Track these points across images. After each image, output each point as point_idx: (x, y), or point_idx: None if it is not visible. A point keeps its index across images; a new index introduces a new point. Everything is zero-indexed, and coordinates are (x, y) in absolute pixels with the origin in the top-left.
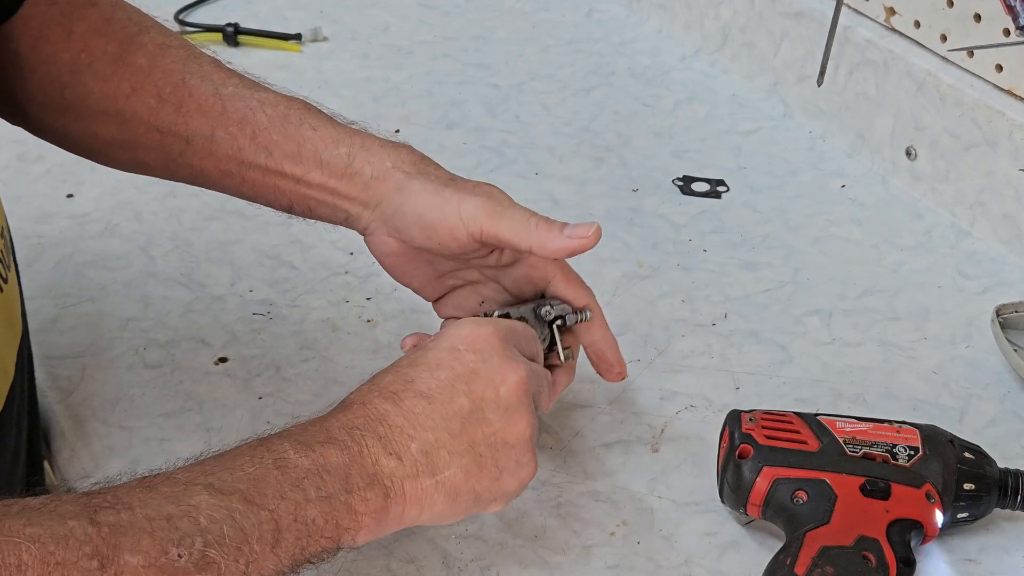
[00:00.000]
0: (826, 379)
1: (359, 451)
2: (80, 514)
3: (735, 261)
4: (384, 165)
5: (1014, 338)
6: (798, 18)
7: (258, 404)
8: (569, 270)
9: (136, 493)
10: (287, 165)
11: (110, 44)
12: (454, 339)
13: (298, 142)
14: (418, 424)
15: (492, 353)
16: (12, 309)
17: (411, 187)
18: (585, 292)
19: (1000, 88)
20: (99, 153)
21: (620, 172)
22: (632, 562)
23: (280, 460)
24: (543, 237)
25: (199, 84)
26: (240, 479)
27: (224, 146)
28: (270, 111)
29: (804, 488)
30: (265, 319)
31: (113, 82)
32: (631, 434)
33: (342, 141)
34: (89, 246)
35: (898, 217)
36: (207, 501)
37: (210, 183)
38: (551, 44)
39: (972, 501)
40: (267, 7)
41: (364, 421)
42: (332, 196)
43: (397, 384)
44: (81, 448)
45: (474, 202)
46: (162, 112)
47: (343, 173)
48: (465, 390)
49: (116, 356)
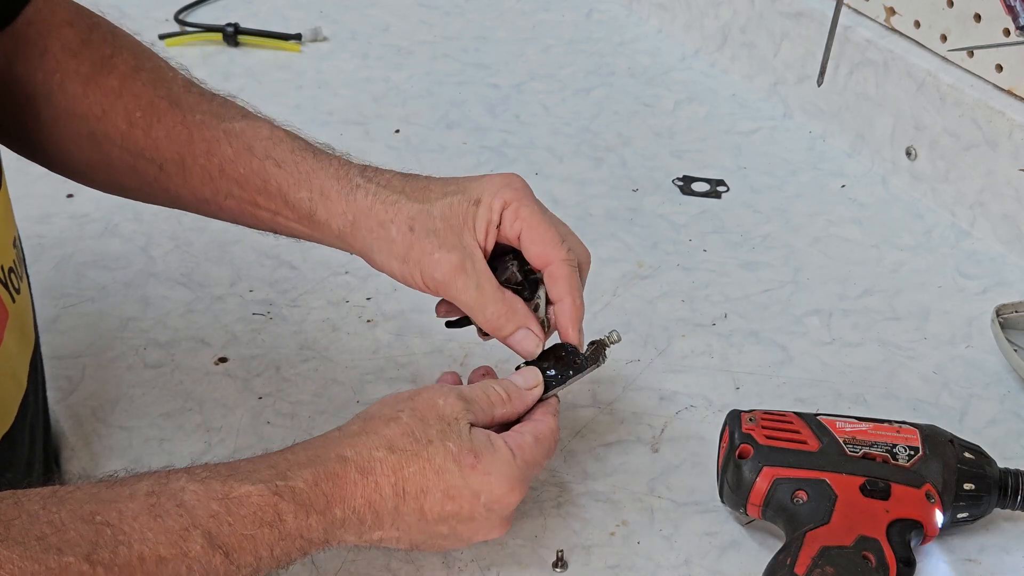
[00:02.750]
0: (826, 379)
1: (339, 529)
2: (79, 549)
3: (735, 261)
4: (346, 219)
5: (1014, 338)
6: (798, 18)
7: (258, 404)
8: (536, 228)
9: (141, 519)
10: (260, 199)
11: (83, 65)
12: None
13: (263, 178)
14: (397, 527)
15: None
16: (24, 319)
17: (375, 252)
18: (551, 248)
19: (1000, 88)
20: (81, 175)
21: (620, 172)
22: (632, 562)
23: (276, 520)
24: (492, 329)
25: (168, 109)
26: (235, 535)
27: (196, 175)
28: (235, 143)
29: (804, 488)
30: (265, 319)
31: (85, 103)
32: (631, 434)
33: (303, 184)
34: (89, 246)
35: (898, 217)
36: (196, 552)
37: (190, 208)
38: (551, 44)
39: (972, 501)
40: (267, 7)
41: (365, 506)
42: (310, 231)
43: (413, 485)
44: (81, 448)
45: (434, 272)
46: (132, 136)
47: (310, 220)
48: (453, 525)
49: (116, 356)
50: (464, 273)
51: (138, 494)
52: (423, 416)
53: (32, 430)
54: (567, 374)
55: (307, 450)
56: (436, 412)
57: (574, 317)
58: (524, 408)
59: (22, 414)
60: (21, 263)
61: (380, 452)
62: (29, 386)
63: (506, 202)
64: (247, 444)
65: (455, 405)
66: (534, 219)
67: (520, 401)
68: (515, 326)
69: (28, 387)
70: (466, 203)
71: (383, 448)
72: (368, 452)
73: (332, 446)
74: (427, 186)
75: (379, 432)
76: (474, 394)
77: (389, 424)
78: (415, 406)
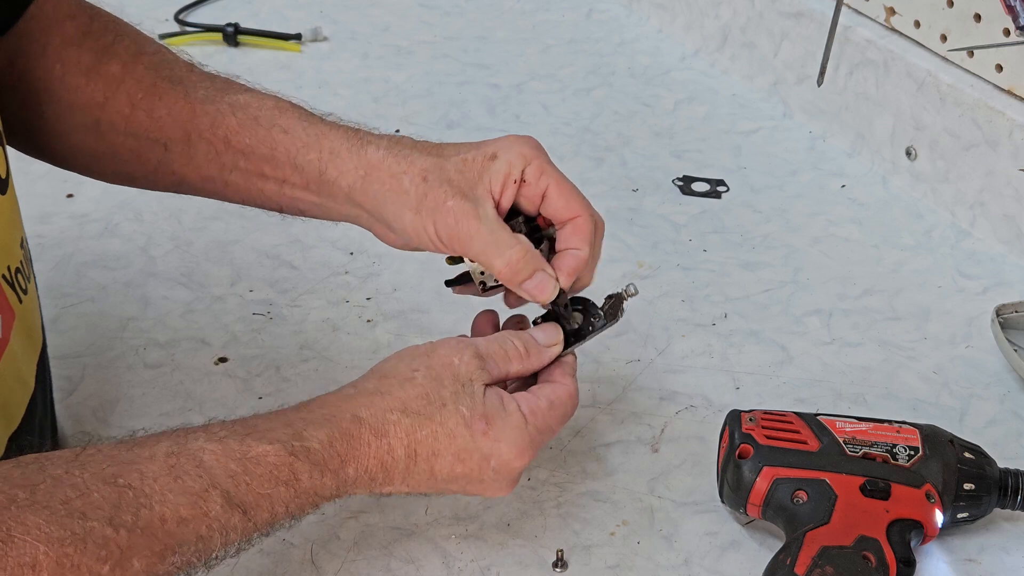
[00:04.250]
0: (826, 379)
1: (351, 486)
2: (102, 512)
3: (735, 261)
4: (358, 174)
5: (1014, 338)
6: (798, 18)
7: (258, 404)
8: (562, 185)
9: (161, 480)
10: (266, 168)
11: (84, 55)
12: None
13: (271, 146)
14: (408, 484)
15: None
16: (32, 320)
17: (387, 204)
18: (576, 203)
19: (1000, 88)
20: (86, 167)
21: (620, 172)
22: (632, 562)
23: (292, 479)
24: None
25: (169, 88)
26: (251, 493)
27: (201, 152)
28: (240, 115)
29: (804, 488)
30: (265, 319)
31: (87, 93)
32: (631, 434)
33: (312, 146)
34: (89, 246)
35: (898, 217)
36: (217, 511)
37: (194, 189)
38: (551, 44)
39: (972, 501)
40: (267, 7)
41: (377, 466)
42: (319, 198)
43: (424, 448)
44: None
45: (447, 219)
46: (135, 119)
47: (320, 181)
48: (462, 485)
49: (116, 356)
50: (478, 219)
51: (158, 455)
52: (438, 376)
53: (41, 431)
54: (586, 330)
55: (322, 408)
56: (451, 371)
57: (592, 267)
58: (540, 365)
59: (29, 415)
60: (28, 264)
61: (394, 415)
62: (37, 387)
63: (528, 159)
64: None
65: (470, 364)
66: (559, 176)
67: (537, 358)
68: (532, 268)
69: (36, 388)
70: (481, 158)
71: (397, 410)
72: (383, 414)
73: (347, 405)
74: (440, 145)
75: (394, 393)
76: (490, 349)
77: (404, 385)
78: (431, 363)
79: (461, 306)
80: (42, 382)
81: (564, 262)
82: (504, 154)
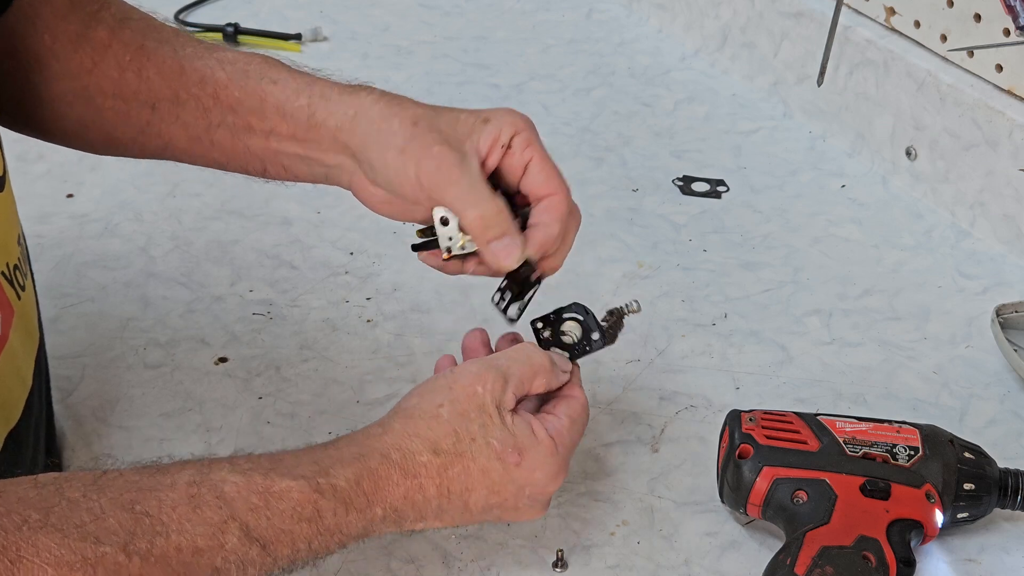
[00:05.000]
0: (826, 379)
1: (379, 524)
2: (116, 538)
3: (735, 261)
4: (347, 114)
5: (1014, 338)
6: (798, 18)
7: (258, 404)
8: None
9: (180, 509)
10: (253, 120)
11: (72, 24)
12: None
13: (260, 97)
14: (441, 519)
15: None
16: (29, 318)
17: (373, 144)
18: (556, 182)
19: (1000, 88)
20: (75, 135)
21: (620, 172)
22: (632, 562)
23: (315, 516)
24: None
25: (156, 48)
26: (273, 528)
27: (189, 109)
28: (229, 68)
29: (804, 488)
30: (265, 319)
31: (75, 59)
32: (631, 434)
33: (302, 92)
34: (89, 246)
35: (898, 217)
36: (234, 544)
37: (180, 152)
38: (551, 44)
39: (972, 501)
40: (267, 7)
41: (408, 507)
42: (304, 149)
43: (457, 485)
44: (81, 448)
45: (430, 165)
46: (124, 81)
47: (307, 125)
48: (497, 514)
49: (116, 356)
50: (460, 169)
51: (179, 483)
52: (464, 410)
53: (37, 428)
54: (584, 349)
55: (351, 446)
56: (476, 402)
57: (563, 252)
58: (559, 384)
59: (27, 412)
60: (26, 261)
61: (424, 456)
62: (34, 384)
63: (518, 129)
64: (247, 444)
65: (495, 390)
66: (544, 152)
67: (556, 377)
68: (502, 230)
69: (33, 385)
70: (473, 119)
71: (427, 451)
72: (412, 456)
73: (376, 444)
74: (438, 106)
75: (422, 434)
76: (514, 367)
77: (431, 424)
78: (454, 397)
79: (461, 306)
80: (39, 379)
81: (533, 234)
82: (496, 120)
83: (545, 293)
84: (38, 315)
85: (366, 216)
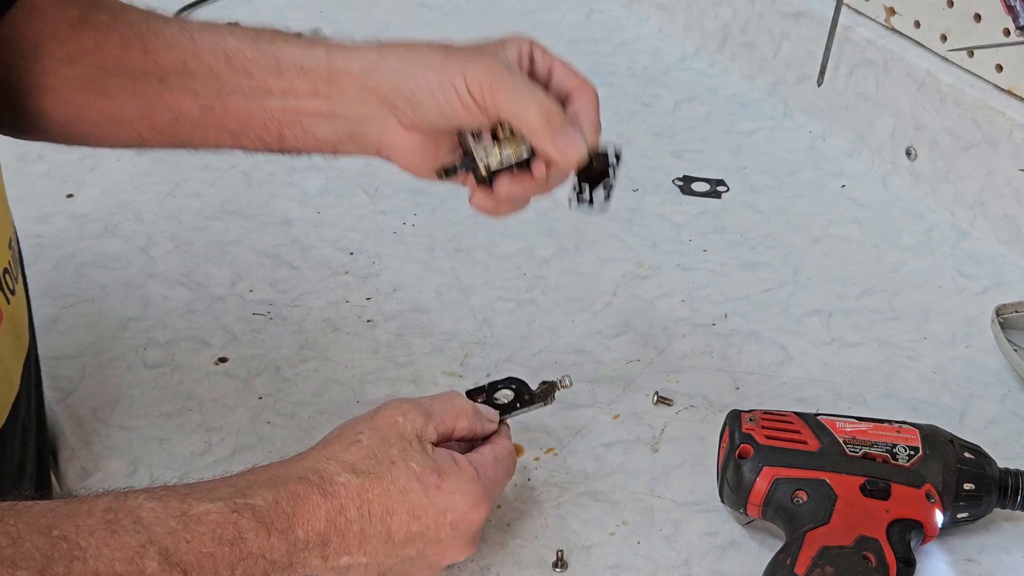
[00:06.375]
0: (826, 379)
1: (303, 551)
2: (33, 562)
3: (735, 261)
4: (369, 58)
5: (1014, 338)
6: (798, 18)
7: (258, 404)
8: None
9: (97, 534)
10: (271, 80)
11: (70, 11)
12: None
13: (274, 56)
14: (365, 551)
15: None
16: (18, 321)
17: (406, 74)
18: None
19: (1000, 88)
20: (79, 128)
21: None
22: (632, 562)
23: (237, 538)
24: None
25: (163, 26)
26: (192, 552)
27: (200, 78)
28: (239, 35)
29: (804, 488)
30: (265, 319)
31: (77, 43)
32: (631, 434)
33: (317, 45)
34: (89, 246)
35: (898, 217)
36: (153, 570)
37: (191, 124)
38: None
39: (972, 501)
40: (267, 7)
41: (330, 528)
42: (326, 104)
43: (378, 507)
44: (81, 448)
45: (479, 71)
46: (129, 57)
47: (328, 76)
48: (420, 547)
49: (116, 356)
50: (509, 71)
51: (96, 510)
52: (384, 436)
53: (24, 432)
54: (515, 406)
55: (268, 472)
56: (396, 430)
57: (594, 122)
58: (483, 432)
59: (14, 415)
60: (17, 264)
61: (343, 476)
62: (22, 388)
63: (532, 43)
64: (247, 444)
65: (416, 421)
66: (559, 56)
67: (482, 422)
68: (563, 122)
69: (21, 389)
70: (492, 43)
71: (346, 471)
72: (330, 476)
73: (293, 469)
74: None
75: (340, 457)
76: (436, 405)
77: (350, 448)
78: (375, 425)
79: (461, 306)
80: (28, 383)
81: (584, 120)
82: (513, 40)
83: (538, 306)
84: (30, 320)
85: (366, 216)
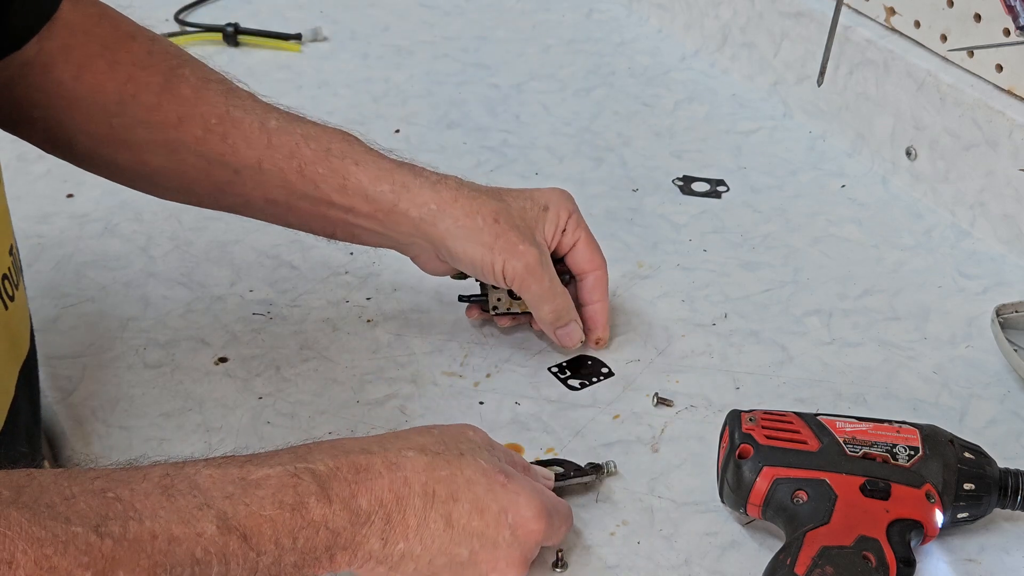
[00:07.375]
0: (826, 379)
1: (364, 525)
2: (88, 520)
3: (735, 261)
4: (429, 208)
5: (1014, 338)
6: (798, 18)
7: (258, 404)
8: (589, 239)
9: (153, 497)
10: (336, 196)
11: (153, 76)
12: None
13: (343, 176)
14: (422, 537)
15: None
16: (16, 327)
17: (458, 238)
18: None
19: (1000, 88)
20: (148, 182)
21: (620, 172)
22: (632, 562)
23: (297, 503)
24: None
25: (243, 116)
26: (252, 516)
27: (273, 178)
28: (314, 145)
29: (804, 488)
30: (265, 319)
31: (160, 112)
32: (631, 434)
33: (384, 178)
34: (89, 246)
35: (898, 217)
36: (211, 533)
37: (254, 211)
38: (551, 44)
39: (972, 501)
40: (267, 7)
41: (392, 500)
42: (382, 228)
43: (443, 489)
44: (81, 448)
45: (517, 263)
46: (209, 142)
47: (389, 210)
48: (476, 547)
49: (116, 356)
50: (541, 267)
51: (152, 475)
52: (454, 435)
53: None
54: (571, 474)
55: (330, 443)
56: (465, 437)
57: (606, 317)
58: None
59: (11, 422)
60: (17, 271)
61: (411, 452)
62: (18, 394)
63: (569, 212)
64: (247, 444)
65: (484, 437)
66: (588, 231)
67: (535, 477)
68: (570, 318)
69: (17, 395)
70: (536, 208)
71: (414, 449)
72: (397, 450)
73: (356, 442)
74: (498, 190)
75: (410, 437)
76: (497, 445)
77: (421, 433)
78: (444, 429)
79: (460, 307)
80: (25, 389)
81: (595, 317)
82: (553, 207)
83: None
84: (29, 326)
85: None
